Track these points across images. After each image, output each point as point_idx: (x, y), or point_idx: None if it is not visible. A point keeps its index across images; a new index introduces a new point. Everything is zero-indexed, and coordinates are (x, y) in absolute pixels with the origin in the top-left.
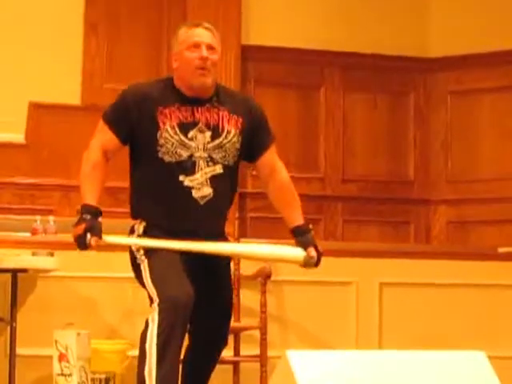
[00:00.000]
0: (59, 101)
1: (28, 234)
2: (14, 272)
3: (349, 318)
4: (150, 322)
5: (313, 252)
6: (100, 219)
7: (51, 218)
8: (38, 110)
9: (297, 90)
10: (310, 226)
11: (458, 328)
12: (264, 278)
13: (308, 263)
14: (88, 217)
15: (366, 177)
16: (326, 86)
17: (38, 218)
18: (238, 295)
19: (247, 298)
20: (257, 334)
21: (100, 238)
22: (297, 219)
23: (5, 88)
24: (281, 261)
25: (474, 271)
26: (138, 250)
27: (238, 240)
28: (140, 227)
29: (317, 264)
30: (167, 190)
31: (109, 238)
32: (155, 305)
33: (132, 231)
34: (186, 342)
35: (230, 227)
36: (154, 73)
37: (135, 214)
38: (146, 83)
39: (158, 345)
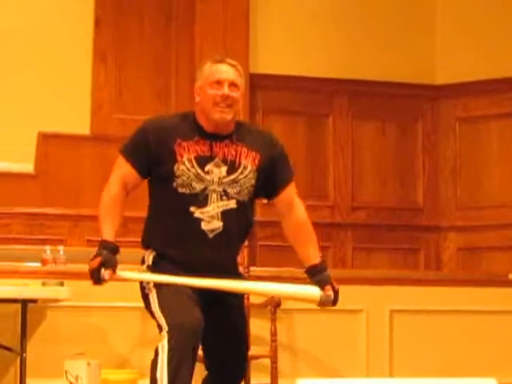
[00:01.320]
0: (68, 131)
1: (38, 264)
2: (24, 302)
3: (359, 346)
4: (159, 349)
5: (330, 291)
6: (117, 256)
7: (61, 247)
8: (47, 140)
9: (305, 118)
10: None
11: (469, 355)
12: (274, 306)
13: (324, 302)
14: (104, 252)
15: (375, 204)
16: (335, 114)
17: (48, 247)
18: (247, 323)
19: (257, 326)
20: (267, 362)
21: (114, 271)
22: (313, 258)
23: (14, 118)
24: (296, 299)
25: (484, 298)
26: (147, 282)
27: (247, 268)
28: (150, 257)
29: (334, 303)
30: (177, 220)
31: (123, 274)
32: (164, 332)
33: (143, 261)
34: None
35: (240, 255)
36: (163, 102)
37: (145, 243)
38: (167, 116)
39: (168, 372)
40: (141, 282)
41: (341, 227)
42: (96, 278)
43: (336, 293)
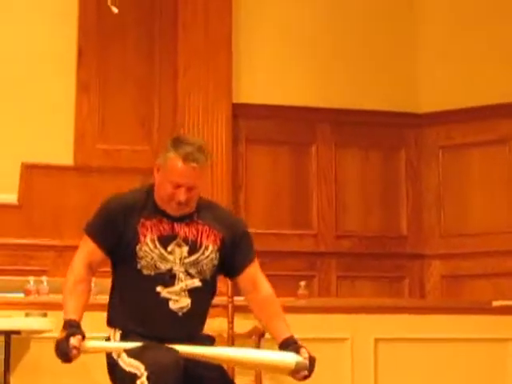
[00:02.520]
0: (52, 161)
1: (21, 295)
2: (8, 334)
3: (344, 375)
4: None
5: (305, 354)
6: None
7: (44, 278)
8: (30, 170)
9: (288, 147)
10: (302, 283)
11: (453, 383)
12: (258, 336)
13: (300, 369)
14: (71, 330)
15: (359, 232)
16: (318, 143)
17: (31, 278)
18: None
19: None
20: None
21: (83, 339)
22: (284, 332)
23: None
24: (271, 370)
25: (468, 325)
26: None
27: (231, 298)
28: (117, 335)
29: (310, 370)
30: (144, 300)
31: (91, 343)
32: (142, 371)
33: (108, 340)
34: None
35: (224, 286)
36: (146, 131)
37: (111, 322)
38: (129, 193)
39: None
40: (108, 356)
41: (325, 256)
42: (64, 349)
43: (312, 360)
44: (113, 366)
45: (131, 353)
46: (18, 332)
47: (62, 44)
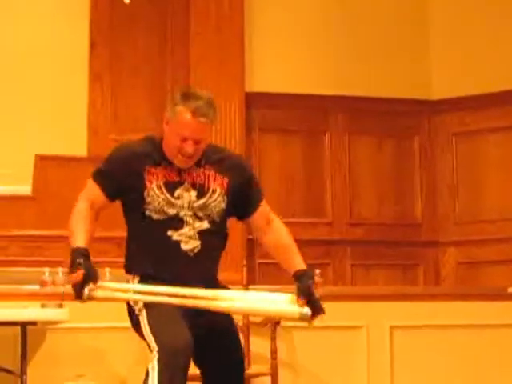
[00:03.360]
0: (65, 152)
1: (37, 287)
2: (24, 325)
3: (360, 362)
4: (150, 370)
5: (306, 309)
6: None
7: (60, 269)
8: (44, 162)
9: (302, 136)
10: (316, 271)
11: (469, 369)
12: (273, 324)
13: (303, 319)
14: (82, 260)
15: (373, 220)
16: (331, 131)
17: (47, 269)
18: (247, 342)
19: (257, 344)
20: (268, 380)
21: (96, 283)
22: (299, 264)
23: (11, 141)
24: (278, 317)
25: (484, 312)
26: (135, 303)
27: (246, 287)
28: (135, 281)
29: (319, 312)
30: (157, 244)
31: (107, 284)
32: (154, 352)
33: None
34: None
35: (239, 274)
36: (159, 122)
37: (129, 268)
38: (135, 142)
39: None
40: (129, 305)
41: (339, 244)
42: (79, 292)
43: (318, 304)
44: (136, 317)
45: (149, 324)
46: (34, 323)
47: (74, 35)
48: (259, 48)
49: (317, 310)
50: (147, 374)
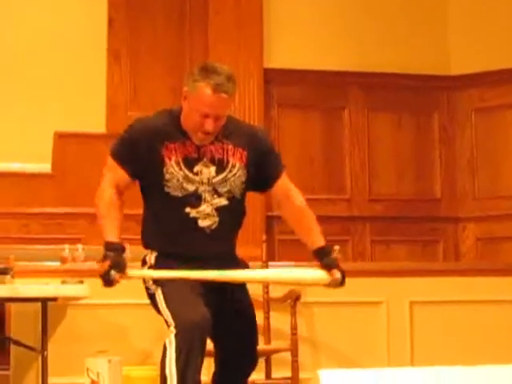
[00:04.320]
0: (84, 130)
1: (57, 263)
2: (44, 301)
3: (380, 338)
4: (167, 345)
5: (337, 274)
6: (124, 255)
7: (80, 246)
8: (63, 139)
9: (321, 112)
10: (335, 248)
11: (489, 344)
12: (293, 299)
13: (332, 284)
14: (112, 254)
15: (392, 196)
16: (350, 107)
17: (67, 246)
18: (267, 318)
19: (277, 320)
20: (288, 356)
21: (124, 273)
22: (318, 241)
23: (30, 119)
24: (305, 284)
25: (504, 287)
26: (149, 280)
27: (266, 264)
28: (152, 257)
29: (342, 283)
30: (174, 221)
31: (132, 272)
32: (171, 328)
33: (144, 262)
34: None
35: (258, 250)
36: (178, 99)
37: (146, 245)
38: (153, 117)
39: (177, 367)
40: (144, 282)
41: (358, 220)
42: (107, 280)
43: (343, 273)
44: (152, 295)
45: (166, 300)
46: (54, 299)
47: (92, 14)
48: (278, 24)
49: (343, 277)
50: (165, 348)
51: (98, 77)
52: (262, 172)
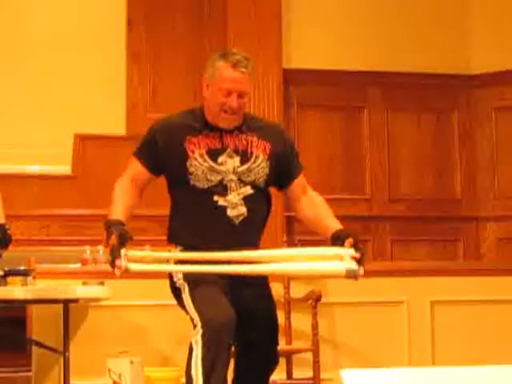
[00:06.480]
0: (104, 132)
1: (78, 265)
2: (66, 302)
3: (401, 338)
4: (193, 344)
5: (357, 253)
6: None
7: (100, 247)
8: (83, 141)
9: (340, 112)
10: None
11: (510, 343)
12: (314, 300)
13: (349, 275)
14: (114, 228)
15: (412, 196)
16: (369, 107)
17: (88, 248)
18: (288, 318)
19: (298, 320)
20: (309, 356)
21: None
22: (335, 225)
23: (50, 121)
24: (322, 276)
25: None
26: (177, 276)
27: None
28: (176, 251)
29: (362, 262)
30: (202, 213)
31: (136, 267)
32: (198, 328)
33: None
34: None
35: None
36: (197, 100)
37: (171, 238)
38: (175, 115)
39: (203, 367)
40: (171, 279)
41: (379, 220)
42: (117, 255)
43: (362, 254)
44: (178, 291)
45: (193, 299)
46: (76, 300)
47: (111, 14)
48: (297, 24)
49: (363, 257)
50: (191, 348)
51: (118, 78)
52: (283, 168)
